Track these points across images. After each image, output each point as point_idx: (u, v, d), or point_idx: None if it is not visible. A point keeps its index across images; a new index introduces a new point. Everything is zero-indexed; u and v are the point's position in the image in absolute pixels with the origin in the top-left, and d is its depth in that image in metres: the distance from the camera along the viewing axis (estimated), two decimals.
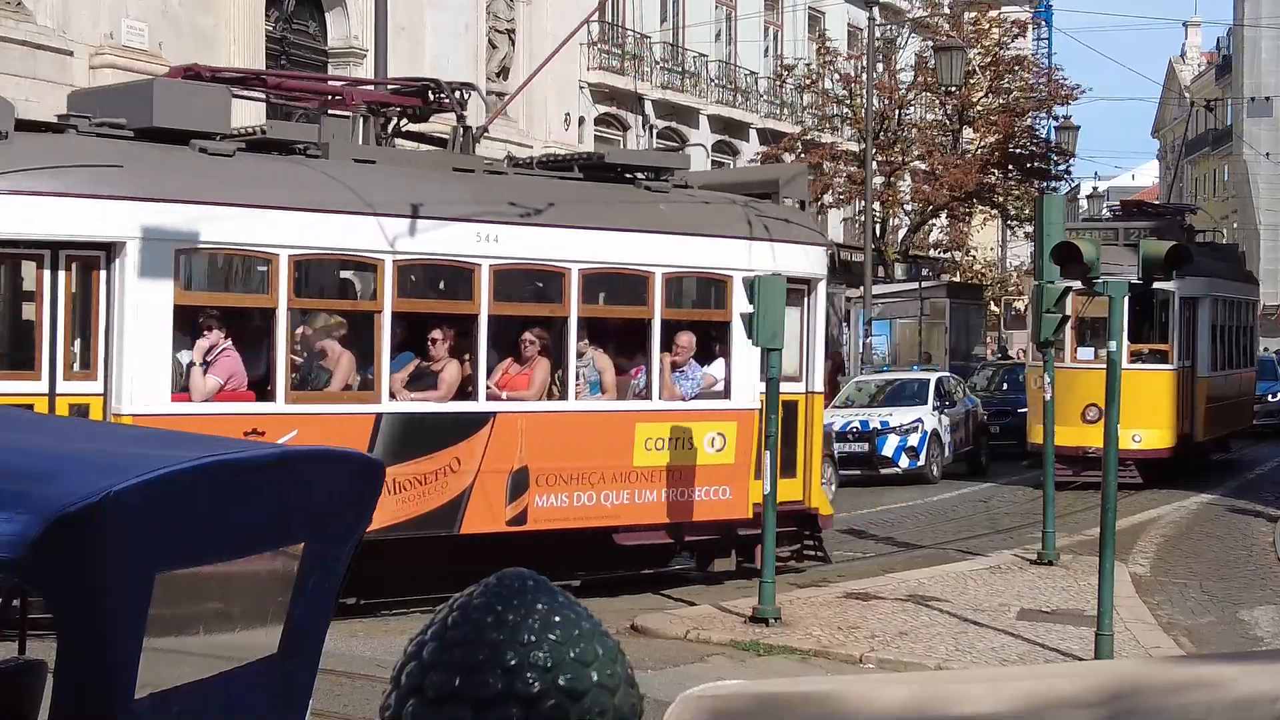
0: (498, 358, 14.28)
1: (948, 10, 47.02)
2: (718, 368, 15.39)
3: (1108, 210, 39.26)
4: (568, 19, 36.12)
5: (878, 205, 42.13)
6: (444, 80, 15.48)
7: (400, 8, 25.89)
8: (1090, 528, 17.27)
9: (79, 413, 11.96)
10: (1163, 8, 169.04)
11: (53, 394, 12.02)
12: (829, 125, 44.58)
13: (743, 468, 15.18)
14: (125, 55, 24.29)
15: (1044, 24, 64.54)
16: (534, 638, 2.00)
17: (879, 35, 40.64)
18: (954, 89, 39.80)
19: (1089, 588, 13.52)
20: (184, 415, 12.13)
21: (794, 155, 43.58)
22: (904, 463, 26.74)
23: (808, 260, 15.94)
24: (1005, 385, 32.57)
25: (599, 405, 14.68)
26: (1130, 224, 26.08)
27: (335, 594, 3.77)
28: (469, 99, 15.38)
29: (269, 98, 18.27)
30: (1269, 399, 36.68)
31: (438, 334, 13.80)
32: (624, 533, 14.74)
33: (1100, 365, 22.13)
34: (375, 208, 13.29)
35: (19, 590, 4.19)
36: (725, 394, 15.35)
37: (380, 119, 15.05)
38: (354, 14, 29.36)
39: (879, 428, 26.83)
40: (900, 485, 26.01)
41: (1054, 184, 45.43)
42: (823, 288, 16.22)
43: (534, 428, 14.10)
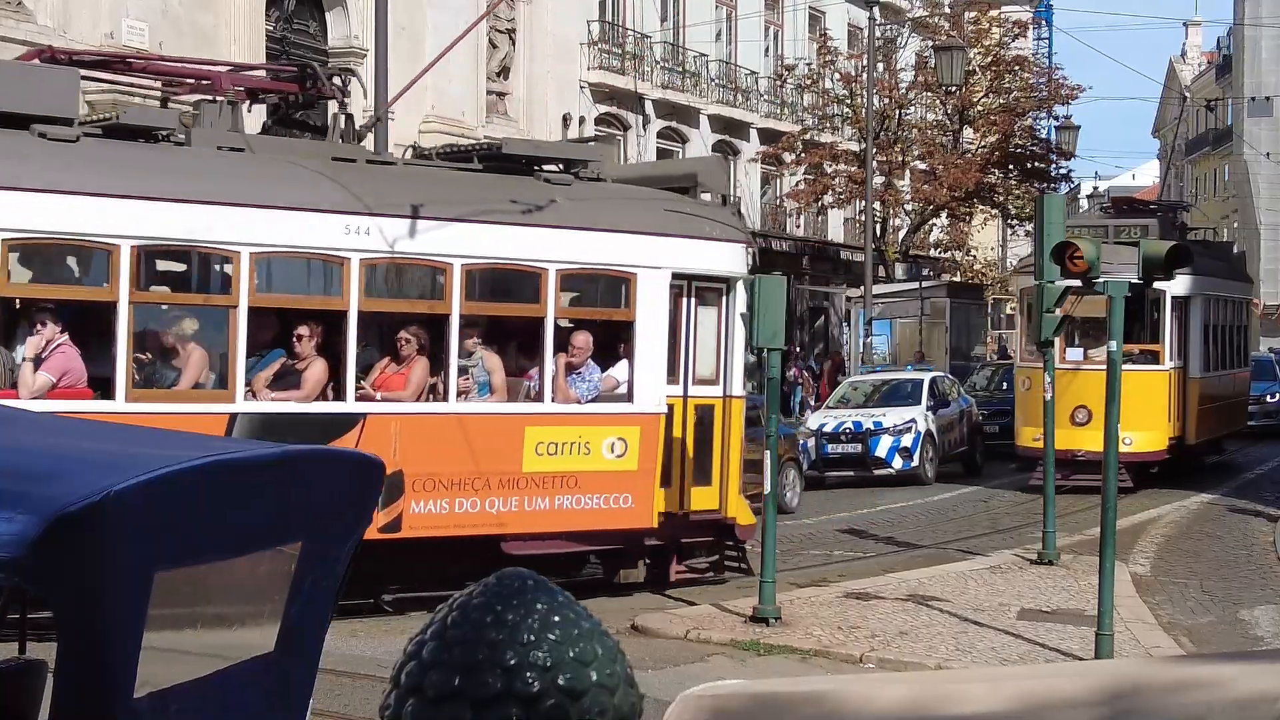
0: (378, 356, 13.79)
1: (948, 10, 47.01)
2: (620, 370, 14.63)
3: (1098, 208, 38.98)
4: (567, 19, 36.20)
5: (878, 205, 42.12)
6: (320, 65, 14.71)
7: (400, 7, 25.89)
8: (1090, 527, 17.27)
9: None
10: (1163, 7, 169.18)
11: None
12: (829, 125, 44.57)
13: (647, 474, 14.50)
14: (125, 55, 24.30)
15: (1044, 24, 64.54)
16: (533, 637, 2.00)
17: (879, 35, 40.64)
18: (954, 89, 39.79)
19: (1089, 587, 13.52)
20: None
21: (794, 155, 43.62)
22: (898, 464, 26.60)
23: (724, 257, 15.20)
24: (1005, 385, 32.48)
25: (483, 407, 13.99)
26: (1121, 221, 25.77)
27: (335, 594, 3.77)
28: (349, 85, 14.54)
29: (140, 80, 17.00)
30: (1268, 399, 36.51)
31: (304, 330, 13.15)
32: (513, 541, 13.85)
33: (1090, 366, 21.95)
34: (232, 197, 12.67)
35: (19, 590, 4.19)
36: (628, 397, 14.60)
37: (265, 106, 14.35)
38: (354, 14, 29.38)
39: (872, 428, 26.64)
40: (892, 486, 25.89)
41: (1054, 184, 45.43)
42: (742, 286, 15.19)
43: (410, 430, 13.35)
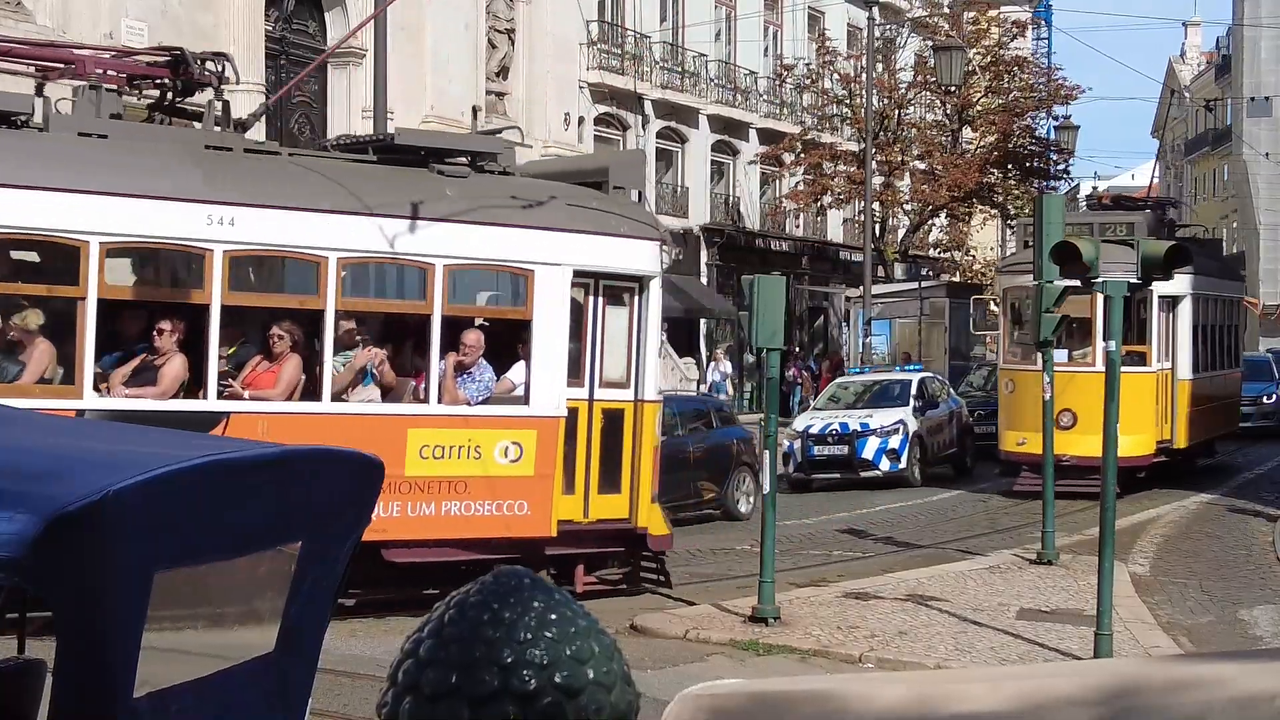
0: (254, 354, 13.34)
1: (947, 10, 47.04)
2: (517, 371, 14.09)
3: (1084, 204, 38.73)
4: (567, 19, 36.21)
5: (877, 205, 42.15)
6: (192, 50, 14.02)
7: (400, 7, 25.88)
8: (1090, 527, 17.27)
9: None
10: (1162, 7, 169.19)
11: None
12: (829, 125, 44.61)
13: (544, 480, 13.88)
14: None
15: (1043, 23, 64.55)
16: (530, 635, 2.01)
17: (879, 35, 40.65)
18: (953, 89, 39.83)
19: (1088, 587, 13.52)
20: None
21: (794, 155, 43.65)
22: (885, 465, 26.23)
23: (636, 255, 14.61)
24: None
25: (360, 408, 13.39)
26: (1106, 218, 25.09)
27: (334, 593, 3.77)
28: (224, 71, 13.91)
29: None
30: (1264, 400, 36.21)
31: (164, 325, 12.61)
32: (396, 549, 13.23)
33: (1074, 368, 21.60)
34: (82, 184, 12.17)
35: (19, 589, 4.19)
36: (524, 400, 14.01)
37: (137, 93, 13.78)
38: (353, 13, 29.40)
39: (859, 430, 26.24)
40: (879, 489, 25.52)
41: (1053, 183, 45.46)
42: (656, 286, 14.74)
43: (279, 430, 12.57)
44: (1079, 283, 13.18)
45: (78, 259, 12.12)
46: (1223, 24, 78.68)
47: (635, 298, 14.66)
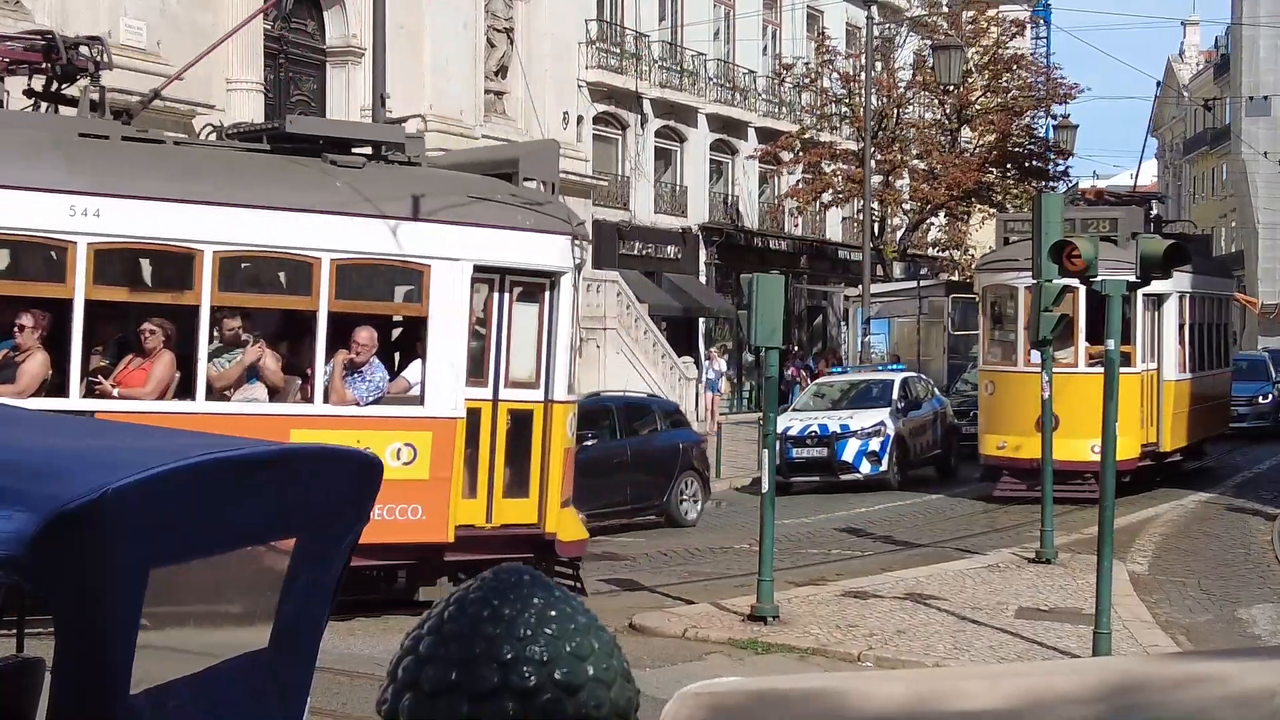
0: (128, 351, 12.85)
1: (946, 9, 47.06)
2: (413, 370, 13.60)
3: (1069, 200, 38.49)
4: (566, 18, 36.20)
5: (876, 204, 42.15)
6: (66, 34, 13.67)
7: (398, 6, 25.89)
8: (1088, 526, 17.26)
9: None
10: (1161, 7, 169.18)
11: None
12: (828, 124, 44.61)
13: (440, 484, 13.34)
14: (124, 54, 24.29)
15: (1042, 22, 64.53)
16: (530, 632, 2.01)
17: (877, 34, 40.67)
18: (952, 88, 39.80)
19: (1087, 586, 13.53)
20: None
21: (792, 154, 43.66)
22: (865, 468, 25.49)
23: (545, 250, 14.01)
24: None
25: (239, 407, 12.81)
26: (1089, 214, 24.24)
27: (332, 593, 3.77)
28: (101, 56, 13.41)
29: None
30: (1260, 400, 35.77)
31: (26, 320, 12.14)
32: None
33: (1057, 369, 20.01)
34: None
35: (18, 588, 4.19)
36: (419, 400, 13.47)
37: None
38: (352, 12, 29.40)
39: (838, 431, 25.48)
40: (859, 492, 24.83)
41: (1052, 182, 45.46)
42: (568, 282, 14.12)
43: None
44: (1078, 281, 13.18)
45: None
46: (1221, 23, 78.68)
47: (546, 294, 14.06)
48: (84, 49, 13.42)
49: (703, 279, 43.42)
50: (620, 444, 20.69)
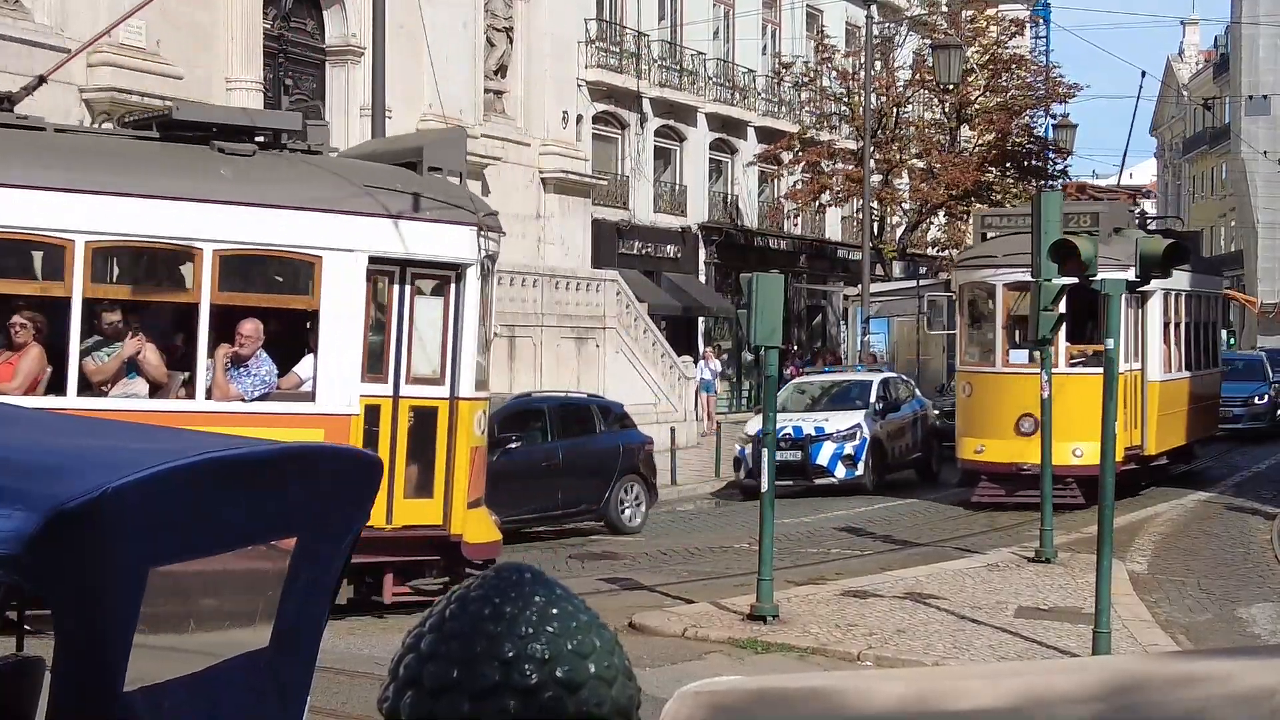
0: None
1: (946, 8, 47.06)
2: (305, 365, 13.09)
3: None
4: (565, 17, 36.20)
5: (875, 203, 42.17)
6: None
7: (398, 5, 25.89)
8: (1088, 525, 17.27)
9: None
10: (1161, 6, 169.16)
11: None
12: (827, 123, 44.63)
13: None
14: (123, 53, 24.31)
15: (1042, 22, 64.54)
16: (531, 630, 2.01)
17: (877, 33, 40.68)
18: (952, 87, 39.82)
19: (1087, 585, 13.54)
20: None
21: (792, 153, 43.67)
22: (841, 472, 24.69)
23: (448, 241, 13.50)
24: None
25: (113, 404, 12.08)
26: (1069, 208, 22.41)
27: (331, 592, 3.77)
28: None
29: None
30: (1256, 400, 35.39)
31: None
32: None
33: (1038, 369, 17.90)
34: None
35: (17, 587, 4.20)
36: (311, 396, 13.01)
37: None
38: (351, 12, 29.40)
39: (813, 434, 24.63)
40: (833, 496, 24.16)
41: (1052, 182, 45.48)
42: (474, 274, 13.63)
43: None
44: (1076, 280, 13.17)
45: None
46: (1221, 22, 78.69)
47: (450, 287, 13.61)
48: None
49: (702, 278, 43.44)
50: (551, 446, 19.65)
